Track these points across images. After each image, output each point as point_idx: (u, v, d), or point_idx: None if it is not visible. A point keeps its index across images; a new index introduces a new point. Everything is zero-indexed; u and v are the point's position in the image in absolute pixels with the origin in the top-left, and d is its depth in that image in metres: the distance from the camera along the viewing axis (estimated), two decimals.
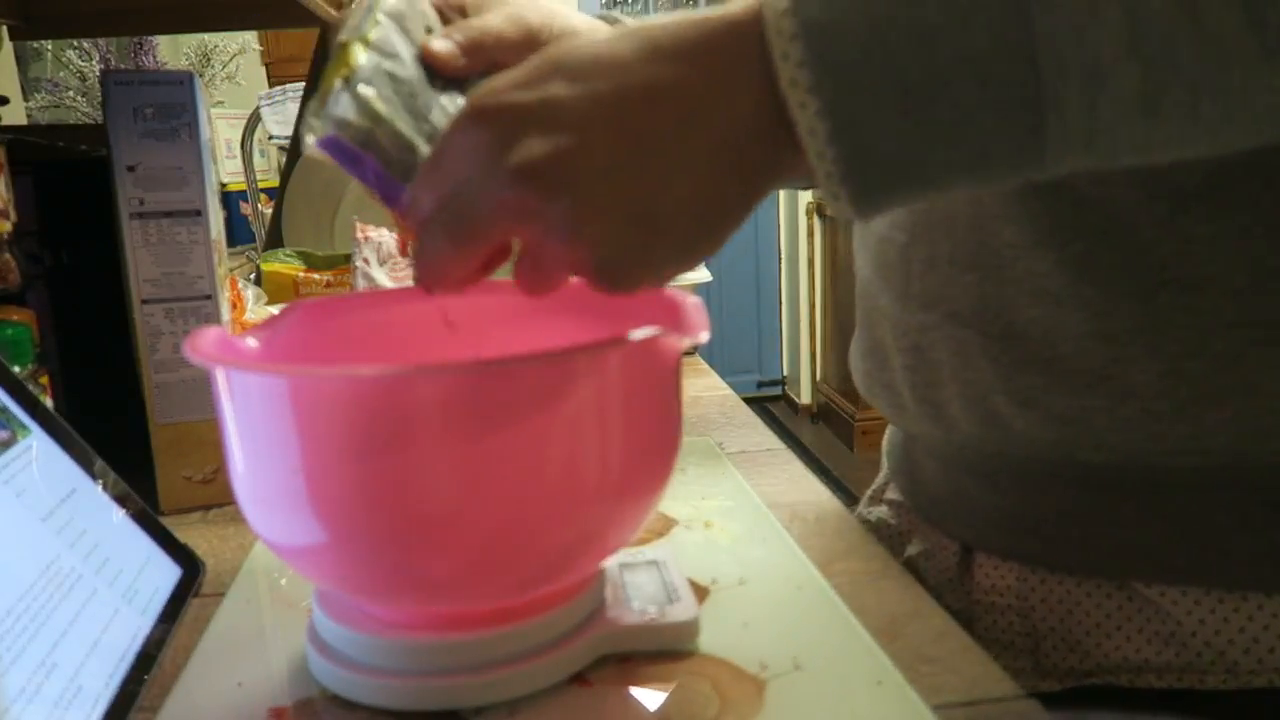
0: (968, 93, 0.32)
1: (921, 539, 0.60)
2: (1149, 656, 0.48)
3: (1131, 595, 0.49)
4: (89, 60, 1.83)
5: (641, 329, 0.37)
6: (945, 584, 0.57)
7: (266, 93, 1.76)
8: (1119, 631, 0.49)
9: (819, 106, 0.32)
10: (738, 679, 0.40)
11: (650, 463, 0.40)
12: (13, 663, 0.35)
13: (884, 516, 0.64)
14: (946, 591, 0.57)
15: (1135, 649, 0.48)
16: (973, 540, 0.56)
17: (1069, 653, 0.51)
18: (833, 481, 3.18)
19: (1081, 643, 0.50)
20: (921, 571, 0.59)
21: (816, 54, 0.32)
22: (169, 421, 0.63)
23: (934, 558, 0.58)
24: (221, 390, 0.37)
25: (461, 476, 0.35)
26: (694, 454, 0.68)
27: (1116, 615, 0.49)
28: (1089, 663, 0.50)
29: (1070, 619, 0.51)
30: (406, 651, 0.39)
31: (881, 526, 0.64)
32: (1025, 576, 0.52)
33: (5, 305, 0.62)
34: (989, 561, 0.54)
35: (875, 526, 0.64)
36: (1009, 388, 0.50)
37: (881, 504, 0.66)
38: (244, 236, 1.90)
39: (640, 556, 0.48)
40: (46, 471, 0.44)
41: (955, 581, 0.56)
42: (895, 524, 0.63)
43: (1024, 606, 0.52)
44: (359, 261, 0.81)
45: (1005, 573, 0.53)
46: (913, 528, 0.62)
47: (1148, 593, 0.48)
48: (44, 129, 1.30)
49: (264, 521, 0.39)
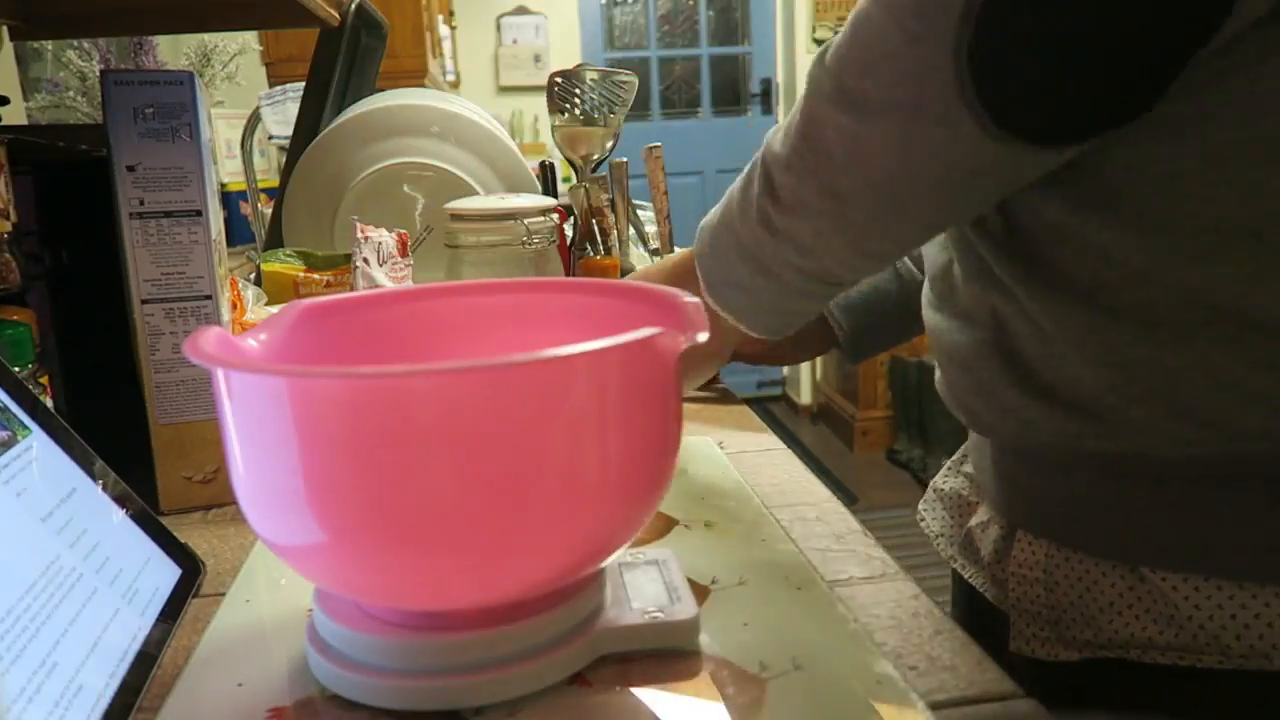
0: None
1: (984, 510, 0.64)
2: (1153, 635, 0.51)
3: (1141, 578, 0.52)
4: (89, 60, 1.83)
5: (641, 329, 0.37)
6: (993, 555, 0.61)
7: (266, 93, 1.75)
8: (1129, 610, 0.52)
9: None
10: (738, 679, 0.40)
11: (650, 463, 0.40)
12: (13, 663, 0.35)
13: (958, 487, 0.69)
14: (993, 562, 0.61)
15: (1142, 627, 0.52)
16: (1015, 517, 0.60)
17: (1085, 627, 0.54)
18: (833, 481, 3.18)
19: (1096, 619, 0.54)
20: (976, 541, 0.63)
21: None
22: (169, 421, 0.63)
23: (988, 530, 0.62)
24: (221, 391, 0.37)
25: (461, 477, 0.35)
26: (694, 454, 0.68)
27: (1128, 595, 0.53)
28: (1102, 637, 0.53)
29: (1088, 596, 0.54)
30: (406, 651, 0.39)
31: (954, 496, 0.69)
32: (1052, 554, 0.56)
33: (5, 305, 0.62)
34: (1025, 538, 0.58)
35: (948, 495, 0.69)
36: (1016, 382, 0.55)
37: (959, 475, 0.70)
38: (244, 236, 1.90)
39: (640, 556, 0.48)
40: (46, 471, 0.44)
41: (1002, 554, 0.60)
42: (965, 494, 0.67)
43: (1049, 581, 0.56)
44: (359, 261, 0.81)
45: (1036, 550, 0.57)
46: (980, 499, 0.66)
47: (1153, 578, 0.51)
48: (44, 129, 1.30)
49: (264, 522, 0.39)
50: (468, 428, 0.35)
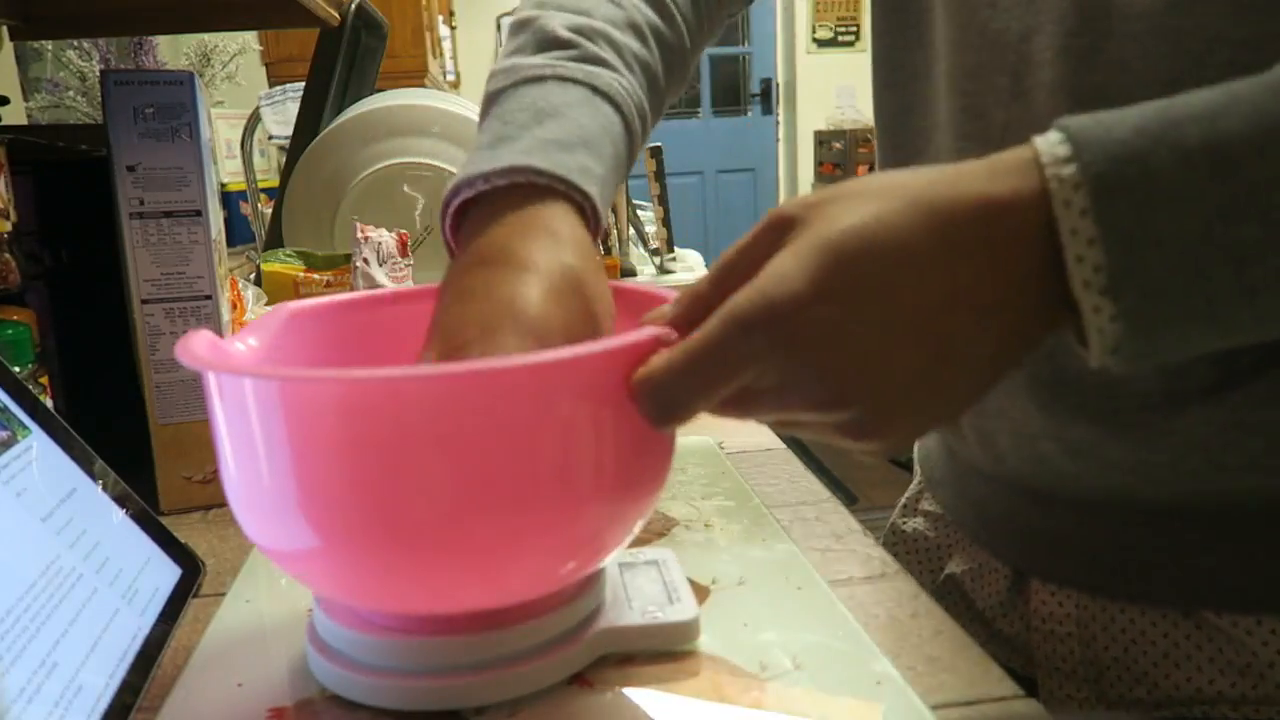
0: None
1: (967, 557, 0.57)
2: (1223, 689, 0.46)
3: (1200, 624, 0.47)
4: (89, 60, 1.83)
5: (638, 331, 0.37)
6: (996, 607, 0.55)
7: (266, 93, 1.76)
8: (1189, 661, 0.47)
9: (1113, 312, 0.31)
10: (738, 679, 0.40)
11: (648, 463, 0.40)
12: (13, 663, 0.35)
13: (921, 528, 0.62)
14: (999, 615, 0.55)
15: (1208, 680, 0.46)
16: (1026, 565, 0.53)
17: (1135, 684, 0.48)
18: (833, 481, 3.18)
19: (1149, 674, 0.48)
20: (968, 591, 0.57)
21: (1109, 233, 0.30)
22: (169, 421, 0.63)
23: (982, 578, 0.56)
24: (213, 394, 0.37)
25: (456, 480, 0.35)
26: (694, 454, 0.68)
27: (1185, 644, 0.47)
28: (1157, 694, 0.48)
29: (1135, 649, 0.48)
30: (406, 651, 0.39)
31: (918, 539, 0.62)
32: (1085, 604, 0.50)
33: (5, 305, 0.62)
34: (1045, 588, 0.51)
35: (911, 538, 0.62)
36: (1059, 435, 0.47)
37: (918, 515, 0.63)
38: (244, 236, 1.90)
39: (640, 556, 0.48)
40: (46, 471, 0.44)
41: (1008, 605, 0.54)
42: (933, 537, 0.61)
43: (1085, 635, 0.50)
44: (359, 261, 0.81)
45: (1063, 599, 0.51)
46: (954, 543, 0.59)
47: (1218, 622, 0.46)
48: (44, 129, 1.30)
49: (257, 527, 0.39)
50: (463, 431, 0.34)
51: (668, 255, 1.79)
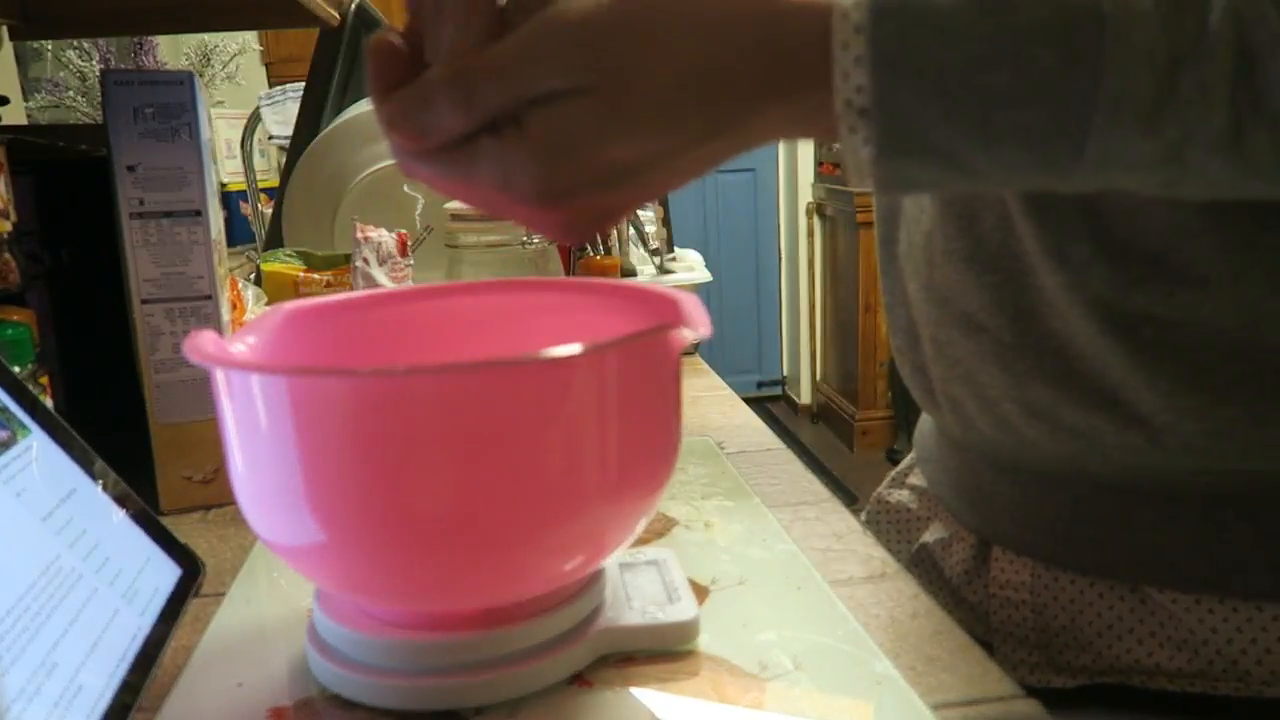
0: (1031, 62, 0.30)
1: (941, 527, 0.59)
2: (1160, 661, 0.48)
3: (1144, 599, 0.49)
4: (89, 60, 1.83)
5: (641, 329, 0.37)
6: (961, 575, 0.57)
7: (266, 93, 1.76)
8: (1130, 634, 0.49)
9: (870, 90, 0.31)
10: (738, 679, 0.40)
11: (650, 463, 0.40)
12: (13, 663, 0.35)
13: (904, 500, 0.64)
14: (963, 584, 0.57)
15: (1147, 652, 0.48)
16: (989, 534, 0.55)
17: (1080, 651, 0.50)
18: (833, 481, 3.18)
19: (1093, 643, 0.50)
20: (937, 560, 0.59)
21: None
22: (169, 421, 0.63)
23: (951, 547, 0.58)
24: (221, 390, 0.37)
25: (460, 476, 0.35)
26: (694, 454, 0.68)
27: (1129, 618, 0.49)
28: (1101, 663, 0.50)
29: (1081, 619, 0.50)
30: (406, 651, 0.39)
31: (900, 510, 0.64)
32: (1039, 573, 0.52)
33: (5, 305, 0.62)
34: (1004, 556, 0.54)
35: (894, 509, 0.64)
36: (1019, 397, 0.50)
37: (904, 488, 0.65)
38: (244, 236, 1.90)
39: (640, 556, 0.48)
40: (46, 471, 0.44)
41: (972, 574, 0.56)
42: (914, 509, 0.63)
43: (1037, 603, 0.52)
44: (359, 261, 0.81)
45: (1020, 568, 0.53)
46: (932, 515, 0.61)
47: (1160, 598, 0.48)
48: (44, 129, 1.30)
49: (263, 521, 0.39)
50: (468, 428, 0.35)
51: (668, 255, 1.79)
